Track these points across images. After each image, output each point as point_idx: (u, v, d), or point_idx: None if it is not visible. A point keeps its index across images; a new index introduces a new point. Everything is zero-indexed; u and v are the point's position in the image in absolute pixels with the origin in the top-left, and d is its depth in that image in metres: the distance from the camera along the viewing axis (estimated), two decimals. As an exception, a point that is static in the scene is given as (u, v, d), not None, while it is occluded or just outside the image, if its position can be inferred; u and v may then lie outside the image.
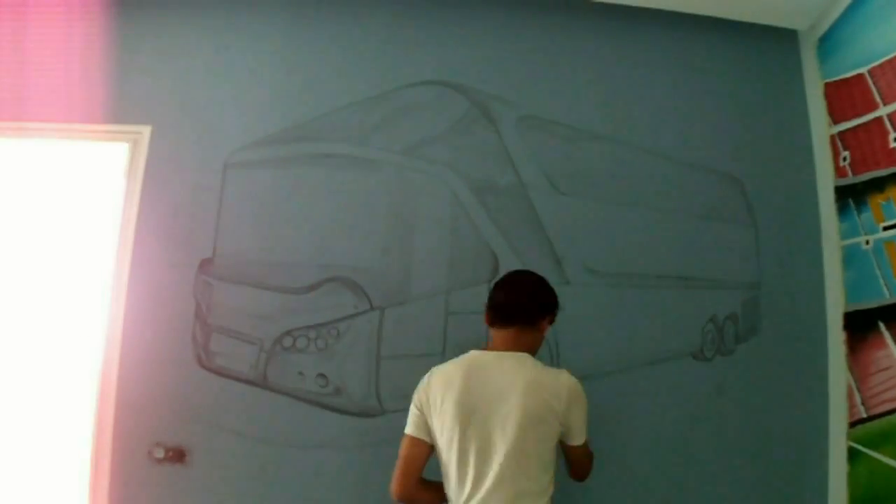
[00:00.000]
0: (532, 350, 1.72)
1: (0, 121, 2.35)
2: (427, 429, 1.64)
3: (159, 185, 2.28)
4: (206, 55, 2.41)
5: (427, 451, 1.65)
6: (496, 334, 1.72)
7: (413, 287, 2.21)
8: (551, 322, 1.80)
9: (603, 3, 2.45)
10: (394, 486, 1.63)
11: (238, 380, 2.18)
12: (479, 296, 2.19)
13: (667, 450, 2.24)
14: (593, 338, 2.25)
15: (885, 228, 2.04)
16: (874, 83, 2.13)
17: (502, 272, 2.22)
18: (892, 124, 2.03)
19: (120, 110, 2.33)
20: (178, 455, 2.12)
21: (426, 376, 1.71)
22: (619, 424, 2.23)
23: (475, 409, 1.59)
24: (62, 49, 2.38)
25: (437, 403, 1.62)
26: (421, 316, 2.19)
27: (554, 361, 2.21)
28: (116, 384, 2.17)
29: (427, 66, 2.40)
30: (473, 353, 1.70)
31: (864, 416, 2.07)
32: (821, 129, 2.42)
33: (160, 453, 2.11)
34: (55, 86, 2.34)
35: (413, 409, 1.69)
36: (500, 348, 1.69)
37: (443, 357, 2.17)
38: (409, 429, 1.67)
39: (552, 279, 2.22)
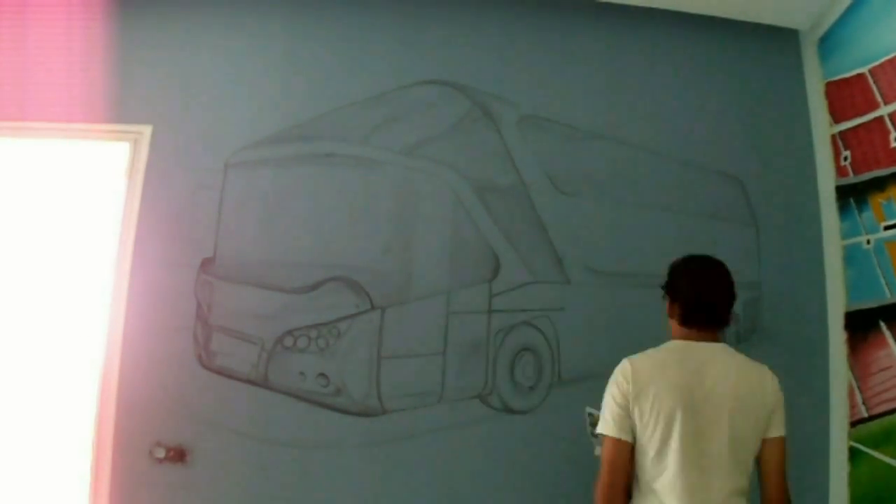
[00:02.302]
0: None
1: (1, 120, 2.35)
2: (630, 427, 1.48)
3: (160, 185, 2.28)
4: (208, 55, 2.41)
5: (631, 451, 1.48)
6: (696, 330, 1.57)
7: (414, 287, 2.21)
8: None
9: (604, 3, 2.45)
10: (600, 498, 1.46)
11: (239, 379, 2.17)
12: (481, 295, 2.21)
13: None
14: (594, 337, 2.25)
15: (887, 228, 2.04)
16: (875, 82, 2.13)
17: (503, 272, 2.23)
18: (892, 124, 2.03)
19: (121, 110, 2.33)
20: (178, 455, 2.12)
21: (621, 369, 1.53)
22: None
23: (692, 393, 1.46)
24: (63, 48, 2.37)
25: (647, 390, 1.47)
26: (422, 316, 2.19)
27: (554, 360, 2.22)
28: (118, 384, 2.16)
29: (428, 65, 2.41)
30: (679, 342, 1.57)
31: (866, 415, 2.07)
32: (822, 128, 2.42)
33: (161, 453, 2.11)
34: (56, 85, 2.33)
35: (612, 406, 1.49)
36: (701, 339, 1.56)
37: (444, 357, 2.17)
38: (611, 429, 1.48)
39: (553, 278, 2.23)
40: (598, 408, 1.57)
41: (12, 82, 2.36)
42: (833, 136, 2.35)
